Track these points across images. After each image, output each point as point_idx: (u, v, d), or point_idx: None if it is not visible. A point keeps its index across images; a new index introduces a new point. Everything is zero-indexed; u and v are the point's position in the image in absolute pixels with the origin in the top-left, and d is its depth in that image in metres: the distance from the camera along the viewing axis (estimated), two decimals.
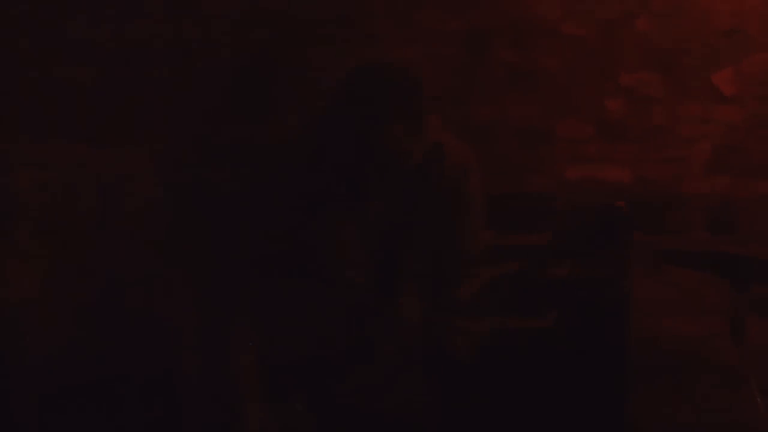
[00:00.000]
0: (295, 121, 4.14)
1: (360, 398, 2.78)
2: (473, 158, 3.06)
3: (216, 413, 3.60)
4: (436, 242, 2.96)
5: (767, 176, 4.26)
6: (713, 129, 4.28)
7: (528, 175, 4.22)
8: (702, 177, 4.27)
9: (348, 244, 2.85)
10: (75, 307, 3.69)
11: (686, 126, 4.27)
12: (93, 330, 3.65)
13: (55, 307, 3.65)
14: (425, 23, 4.23)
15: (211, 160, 4.01)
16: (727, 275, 3.33)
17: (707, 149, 4.28)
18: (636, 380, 3.84)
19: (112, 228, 3.80)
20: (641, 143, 4.27)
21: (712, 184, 4.26)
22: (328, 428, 2.75)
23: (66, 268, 3.74)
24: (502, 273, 3.66)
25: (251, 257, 2.88)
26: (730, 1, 4.25)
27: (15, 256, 3.72)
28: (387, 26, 4.23)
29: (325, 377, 2.73)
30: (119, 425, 3.44)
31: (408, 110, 2.95)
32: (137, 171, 3.87)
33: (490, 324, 3.50)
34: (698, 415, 4.12)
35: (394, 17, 4.23)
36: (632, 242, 3.83)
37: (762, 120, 4.28)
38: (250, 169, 3.97)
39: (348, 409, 2.75)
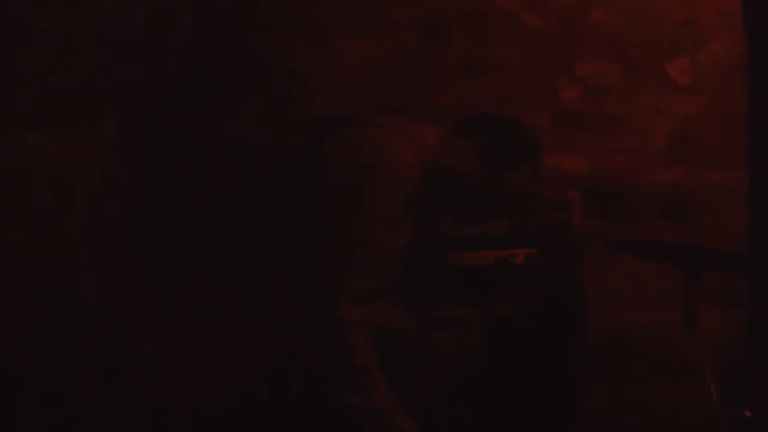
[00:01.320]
0: (254, 108, 4.12)
1: None
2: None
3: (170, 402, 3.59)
4: None
5: (721, 166, 4.27)
6: (668, 119, 4.29)
7: None
8: (657, 167, 4.27)
9: None
10: (26, 299, 3.66)
11: (641, 116, 4.28)
12: (45, 322, 3.61)
13: (4, 298, 3.61)
14: (381, 11, 4.22)
15: (165, 148, 3.98)
16: (681, 265, 3.33)
17: (662, 139, 4.28)
18: (591, 369, 3.86)
19: (64, 218, 3.76)
20: (597, 133, 4.28)
21: (667, 174, 4.27)
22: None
23: (16, 259, 3.70)
24: (458, 262, 3.66)
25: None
26: None
27: None
28: (342, 14, 4.22)
29: None
30: (67, 418, 3.41)
31: None
32: (90, 160, 3.84)
33: (445, 314, 3.50)
34: (653, 404, 4.14)
35: (350, 5, 4.22)
36: (586, 232, 3.84)
37: (717, 111, 4.29)
38: (203, 159, 3.95)
39: None
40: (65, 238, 3.74)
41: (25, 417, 3.47)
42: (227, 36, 4.18)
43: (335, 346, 2.50)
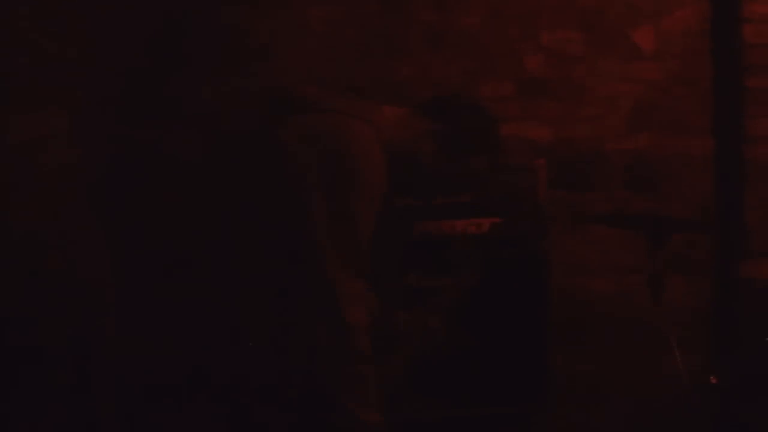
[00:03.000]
0: (217, 81, 4.09)
1: None
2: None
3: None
4: None
5: (686, 133, 4.28)
6: (634, 87, 4.29)
7: None
8: (622, 134, 4.28)
9: None
10: None
11: (606, 84, 4.27)
12: (11, 293, 3.59)
13: None
14: None
15: (129, 120, 3.96)
16: (646, 232, 3.34)
17: (628, 107, 4.29)
18: (557, 338, 3.87)
19: (29, 190, 3.73)
20: (562, 101, 4.27)
21: (632, 141, 4.28)
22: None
23: None
24: (423, 232, 3.66)
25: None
26: None
27: None
28: None
29: None
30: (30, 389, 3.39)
31: None
32: (56, 132, 3.81)
33: (413, 283, 3.50)
34: (619, 371, 4.16)
35: None
36: (552, 200, 3.84)
37: (682, 77, 4.29)
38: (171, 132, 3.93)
39: None
40: (30, 210, 3.71)
41: None
42: (191, 6, 4.14)
43: (342, 351, 2.49)
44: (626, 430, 4.09)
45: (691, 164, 4.26)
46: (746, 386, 3.51)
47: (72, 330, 3.52)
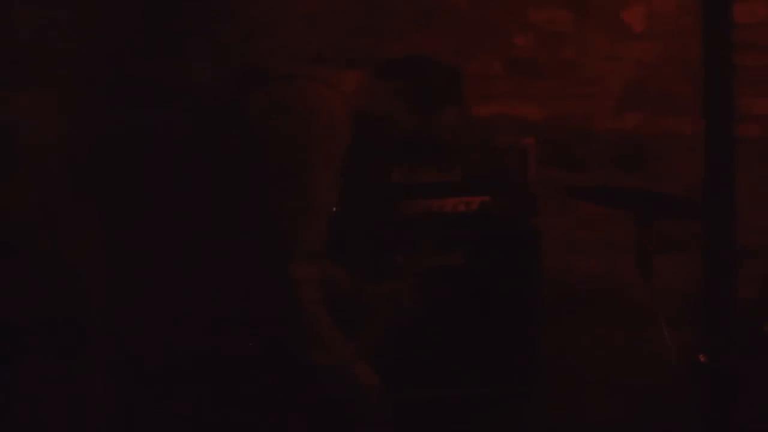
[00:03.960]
0: (206, 60, 4.07)
1: None
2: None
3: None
4: None
5: (676, 113, 4.27)
6: (623, 66, 4.28)
7: None
8: (611, 114, 4.27)
9: None
10: None
11: (596, 63, 4.26)
12: None
13: None
14: None
15: (118, 99, 3.93)
16: (635, 211, 3.33)
17: (617, 86, 4.28)
18: (547, 316, 3.87)
19: (17, 169, 3.71)
20: (551, 80, 4.26)
21: (622, 120, 4.27)
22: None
23: None
24: (414, 211, 3.65)
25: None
26: None
27: None
28: None
29: None
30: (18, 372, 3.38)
31: None
32: (42, 111, 3.78)
33: (404, 262, 3.49)
34: (608, 349, 4.16)
35: None
36: (541, 179, 3.83)
37: (671, 57, 4.28)
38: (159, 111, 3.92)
39: None
40: (18, 189, 3.69)
41: None
42: None
43: (288, 304, 2.50)
44: (615, 408, 4.09)
45: (682, 143, 4.26)
46: (733, 365, 3.50)
47: (59, 312, 3.51)
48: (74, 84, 3.86)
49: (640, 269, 3.33)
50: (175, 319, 2.85)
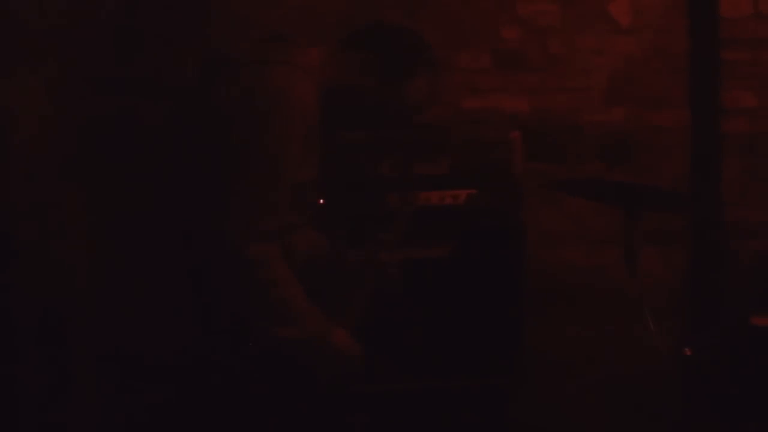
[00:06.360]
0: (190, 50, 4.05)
1: None
2: None
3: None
4: None
5: (662, 107, 4.28)
6: (610, 60, 4.29)
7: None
8: (598, 107, 4.28)
9: None
10: None
11: (583, 56, 4.27)
12: None
13: None
14: None
15: (105, 90, 3.92)
16: (621, 204, 3.33)
17: (604, 80, 4.28)
18: (532, 309, 3.87)
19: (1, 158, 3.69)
20: (538, 73, 4.26)
21: (609, 114, 4.28)
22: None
23: None
24: (400, 203, 3.65)
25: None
26: None
27: None
28: None
29: None
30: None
31: None
32: (29, 101, 3.76)
33: (386, 254, 3.49)
34: (594, 343, 4.17)
35: None
36: (528, 172, 3.83)
37: (658, 51, 4.29)
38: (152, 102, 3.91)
39: None
40: (2, 179, 3.68)
41: None
42: None
43: (252, 284, 2.50)
44: (600, 401, 4.10)
45: (668, 137, 4.27)
46: (720, 359, 3.51)
47: (46, 302, 3.50)
48: (63, 73, 3.85)
49: (627, 262, 3.34)
50: (160, 309, 2.86)
